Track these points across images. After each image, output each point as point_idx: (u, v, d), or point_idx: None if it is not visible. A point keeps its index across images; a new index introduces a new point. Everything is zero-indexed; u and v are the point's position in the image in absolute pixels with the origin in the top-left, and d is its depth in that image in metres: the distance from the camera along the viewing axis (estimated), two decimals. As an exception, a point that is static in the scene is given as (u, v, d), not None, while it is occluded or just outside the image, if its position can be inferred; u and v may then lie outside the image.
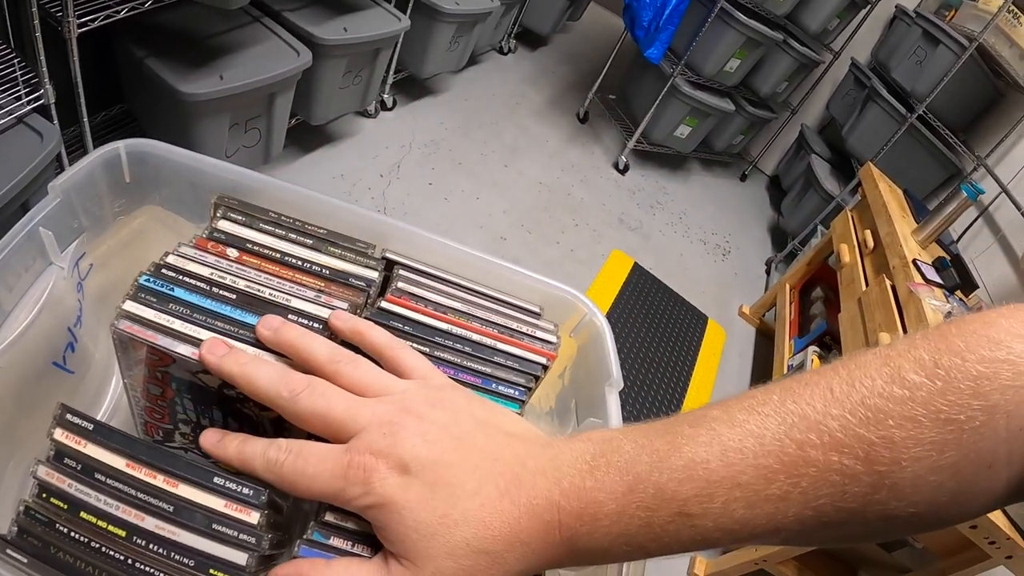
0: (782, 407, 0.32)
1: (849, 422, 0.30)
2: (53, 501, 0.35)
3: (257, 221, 0.49)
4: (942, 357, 0.30)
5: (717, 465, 0.31)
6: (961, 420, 0.29)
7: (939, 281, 1.81)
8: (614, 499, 0.32)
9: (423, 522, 0.32)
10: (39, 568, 0.34)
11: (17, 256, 0.45)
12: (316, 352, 0.38)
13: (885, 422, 0.29)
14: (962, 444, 0.29)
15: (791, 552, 1.53)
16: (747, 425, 0.32)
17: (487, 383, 0.45)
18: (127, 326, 0.40)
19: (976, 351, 0.29)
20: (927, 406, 0.29)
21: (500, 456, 0.34)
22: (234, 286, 0.44)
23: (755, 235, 3.52)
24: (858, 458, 0.29)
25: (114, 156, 0.52)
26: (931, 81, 2.63)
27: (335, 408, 0.35)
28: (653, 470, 0.32)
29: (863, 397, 0.30)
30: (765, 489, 0.30)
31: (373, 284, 0.47)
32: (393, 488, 0.32)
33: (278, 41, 1.80)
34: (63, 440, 0.36)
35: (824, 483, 0.30)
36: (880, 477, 0.29)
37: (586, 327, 0.55)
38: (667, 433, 0.33)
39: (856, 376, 0.31)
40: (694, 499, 0.31)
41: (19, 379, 0.46)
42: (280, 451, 0.35)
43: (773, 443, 0.31)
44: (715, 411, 0.33)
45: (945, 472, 0.29)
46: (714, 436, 0.32)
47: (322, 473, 0.33)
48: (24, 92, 1.26)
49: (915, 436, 0.29)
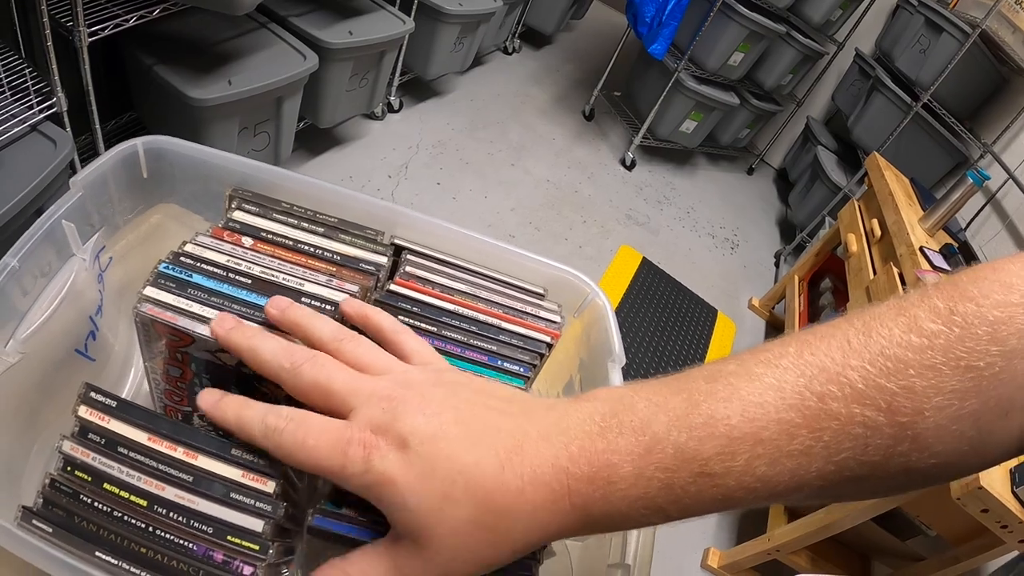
0: (800, 359, 0.31)
1: (869, 373, 0.29)
2: (77, 474, 0.36)
3: (270, 211, 0.51)
4: (957, 304, 0.29)
5: (738, 421, 0.30)
6: (981, 367, 0.28)
7: (946, 268, 1.81)
8: (631, 461, 0.31)
9: (424, 501, 0.31)
10: (63, 536, 0.35)
11: (41, 248, 0.47)
12: (320, 330, 0.39)
13: (906, 371, 0.29)
14: (982, 391, 0.29)
15: (804, 541, 1.54)
16: (765, 379, 0.31)
17: (493, 360, 0.47)
18: (149, 308, 0.42)
19: (990, 296, 0.29)
20: (946, 353, 0.29)
21: (501, 426, 0.33)
22: (249, 272, 0.46)
23: (763, 228, 3.52)
24: (880, 409, 0.29)
25: (132, 153, 0.55)
26: (935, 69, 2.63)
27: (335, 380, 0.35)
28: (672, 429, 0.31)
29: (882, 347, 0.30)
30: (788, 445, 0.30)
31: (382, 268, 0.49)
32: (393, 465, 0.31)
33: (284, 46, 1.82)
34: (87, 416, 0.38)
35: (846, 436, 0.29)
36: (902, 428, 0.29)
37: (589, 307, 0.57)
38: (682, 390, 0.32)
39: (872, 327, 0.31)
40: (716, 457, 0.30)
41: (42, 366, 0.48)
42: (280, 418, 0.34)
43: (794, 396, 0.30)
44: (730, 365, 0.33)
45: (966, 421, 0.29)
46: (733, 391, 0.31)
47: (322, 447, 0.32)
48: (36, 101, 1.29)
49: (936, 385, 0.29)
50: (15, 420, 0.47)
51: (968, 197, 1.94)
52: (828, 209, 2.93)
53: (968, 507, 1.19)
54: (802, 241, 3.07)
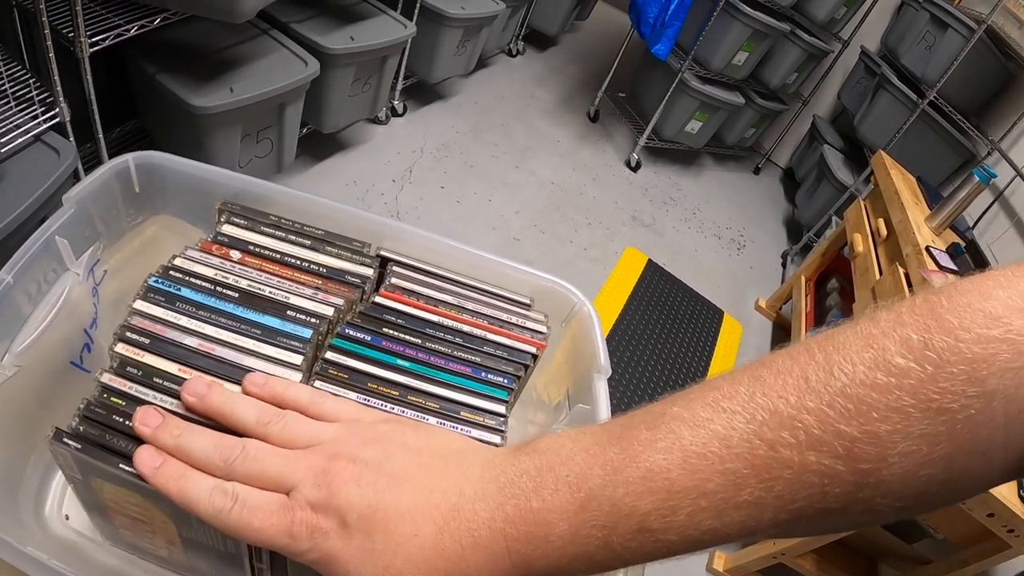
0: (751, 401, 0.29)
1: (827, 416, 0.27)
2: (113, 399, 0.40)
3: (258, 224, 0.52)
4: (933, 337, 0.26)
5: (678, 474, 0.28)
6: (955, 409, 0.26)
7: (953, 267, 1.80)
8: (565, 519, 0.30)
9: (367, 574, 0.31)
10: (90, 452, 0.38)
11: (35, 263, 0.48)
12: (243, 416, 0.38)
13: (869, 415, 0.26)
14: (955, 435, 0.26)
15: (810, 545, 1.53)
16: (711, 425, 0.29)
17: (476, 371, 0.47)
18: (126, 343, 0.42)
19: (971, 329, 0.26)
20: (916, 395, 0.26)
21: (436, 486, 0.33)
22: (237, 285, 0.46)
23: (770, 228, 3.51)
24: (839, 456, 0.27)
25: (124, 168, 0.55)
26: (941, 66, 2.61)
27: (269, 468, 0.35)
28: (607, 484, 0.30)
29: (843, 386, 0.27)
30: (735, 497, 0.28)
31: (368, 280, 0.50)
32: (335, 543, 0.32)
33: (286, 52, 1.83)
34: (124, 352, 0.42)
35: (801, 485, 0.27)
36: (864, 475, 0.27)
37: (576, 317, 0.57)
38: (622, 438, 0.31)
39: (835, 361, 0.28)
40: (655, 513, 0.29)
41: (39, 378, 0.49)
42: (226, 498, 0.34)
43: (741, 445, 0.28)
44: (676, 408, 0.31)
45: (937, 465, 0.27)
46: (674, 440, 0.29)
47: (268, 528, 0.33)
48: (40, 111, 1.31)
49: (903, 429, 0.26)
50: (12, 431, 0.48)
51: (975, 195, 1.93)
52: (835, 208, 2.92)
53: (974, 512, 1.19)
54: (809, 241, 3.06)
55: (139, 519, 0.43)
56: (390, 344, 0.47)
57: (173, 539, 0.44)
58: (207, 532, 0.40)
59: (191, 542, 0.43)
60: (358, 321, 0.47)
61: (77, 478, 0.41)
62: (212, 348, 0.42)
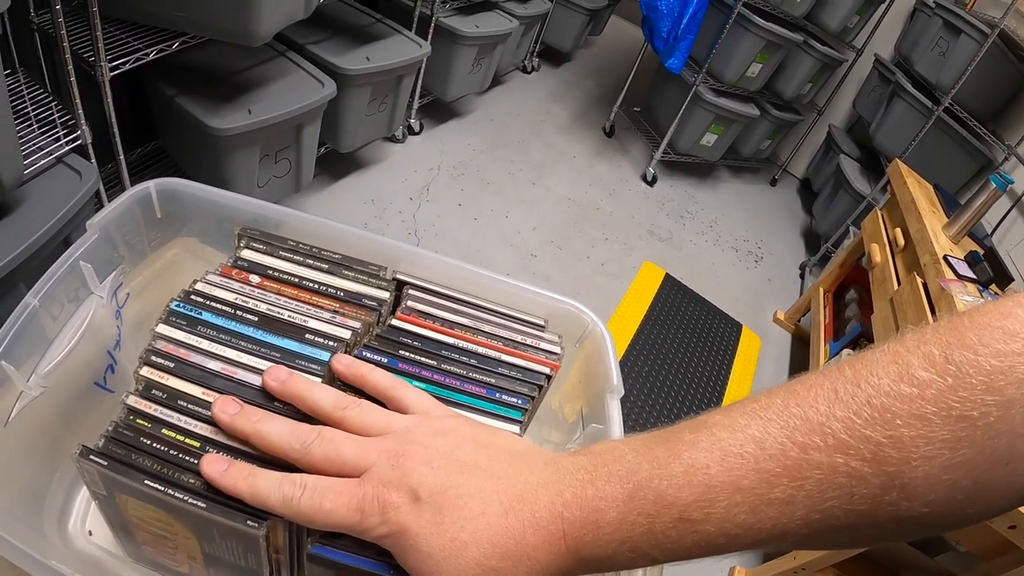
0: (785, 411, 0.31)
1: (854, 423, 0.29)
2: (139, 421, 0.41)
3: (277, 249, 0.53)
4: (953, 352, 0.29)
5: (717, 470, 0.31)
6: (974, 416, 0.28)
7: (972, 276, 1.78)
8: (615, 506, 0.33)
9: (436, 547, 0.34)
10: (116, 468, 0.38)
11: (60, 287, 0.49)
12: (322, 401, 0.40)
13: (893, 421, 0.29)
14: (976, 441, 0.28)
15: (831, 559, 1.52)
16: (748, 430, 0.32)
17: (491, 392, 0.48)
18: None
19: (990, 344, 0.28)
20: (937, 403, 0.28)
21: (503, 474, 0.36)
22: (256, 309, 0.47)
23: (788, 240, 3.50)
24: (865, 459, 0.29)
25: (145, 195, 0.57)
26: (955, 72, 2.60)
27: (345, 452, 0.37)
28: (653, 476, 0.32)
29: (869, 396, 0.29)
30: (768, 493, 0.30)
31: (385, 303, 0.50)
32: (407, 516, 0.34)
33: (303, 73, 1.86)
34: (149, 375, 0.43)
35: (830, 486, 0.30)
36: (890, 478, 0.29)
37: (589, 337, 0.58)
38: (668, 440, 0.34)
39: (862, 375, 0.30)
40: (694, 504, 0.31)
41: (63, 398, 0.50)
42: (295, 487, 0.36)
43: (775, 447, 0.31)
44: (717, 416, 0.34)
45: (959, 470, 0.28)
46: (714, 441, 0.32)
47: (339, 508, 0.35)
48: (62, 133, 1.34)
49: (925, 434, 0.28)
50: (37, 449, 0.49)
51: (992, 202, 1.91)
52: (852, 218, 2.91)
53: (995, 524, 1.17)
54: (827, 252, 3.04)
55: (162, 535, 0.43)
56: (407, 366, 0.47)
57: (195, 555, 0.45)
58: (228, 548, 0.41)
59: (212, 558, 0.44)
60: (375, 344, 0.48)
61: (102, 494, 0.42)
62: (234, 371, 0.43)
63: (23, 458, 0.48)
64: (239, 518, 0.38)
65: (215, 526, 0.39)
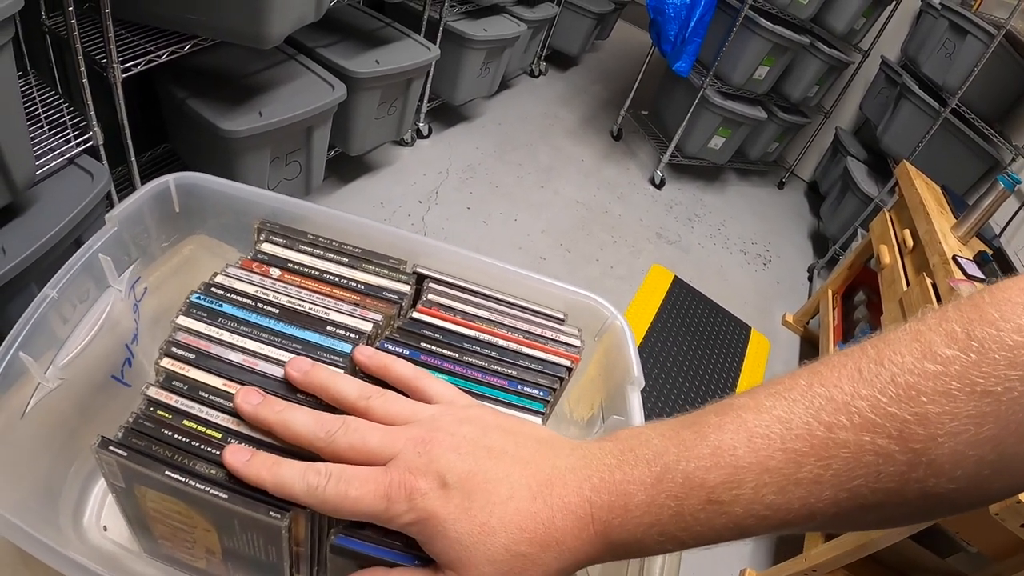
0: (809, 391, 0.31)
1: (879, 401, 0.29)
2: (159, 412, 0.41)
3: (296, 243, 0.53)
4: (975, 328, 0.29)
5: (744, 451, 0.31)
6: (999, 392, 0.28)
7: (980, 276, 1.78)
8: (643, 490, 0.33)
9: (464, 532, 0.33)
10: (136, 459, 0.38)
11: (79, 280, 0.49)
12: (346, 390, 0.40)
13: (918, 399, 0.29)
14: (1001, 416, 0.28)
15: (841, 561, 1.51)
16: (774, 411, 0.32)
17: (513, 384, 0.48)
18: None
19: (1012, 320, 0.28)
20: (961, 379, 0.28)
21: (530, 460, 0.36)
22: (277, 302, 0.47)
23: (796, 242, 3.49)
24: (891, 437, 0.29)
25: (164, 189, 0.57)
26: (962, 73, 2.59)
27: (370, 440, 0.37)
28: (680, 459, 0.32)
29: (893, 375, 0.29)
30: (796, 473, 0.30)
31: (405, 297, 0.50)
32: (434, 502, 0.34)
33: (313, 77, 1.87)
34: (170, 367, 0.43)
35: (857, 464, 0.29)
36: (916, 455, 0.29)
37: (608, 330, 0.57)
38: (694, 424, 0.34)
39: (885, 354, 0.30)
40: (722, 486, 0.31)
41: (81, 391, 0.50)
42: (320, 475, 0.36)
43: (801, 427, 0.30)
44: (742, 399, 0.34)
45: (985, 445, 0.28)
46: (740, 423, 0.32)
47: (365, 495, 0.34)
48: (73, 135, 1.34)
49: (950, 411, 0.28)
50: (54, 442, 0.49)
51: (1000, 202, 1.91)
52: (860, 220, 2.90)
53: (1007, 522, 1.17)
54: (835, 254, 3.03)
55: (180, 527, 0.43)
56: (428, 358, 0.47)
57: (214, 548, 0.44)
58: (249, 540, 0.41)
59: (231, 552, 0.44)
60: (397, 336, 0.48)
61: (120, 487, 0.42)
62: (256, 363, 0.43)
63: (39, 451, 0.48)
64: (261, 509, 0.37)
65: (236, 517, 0.39)
